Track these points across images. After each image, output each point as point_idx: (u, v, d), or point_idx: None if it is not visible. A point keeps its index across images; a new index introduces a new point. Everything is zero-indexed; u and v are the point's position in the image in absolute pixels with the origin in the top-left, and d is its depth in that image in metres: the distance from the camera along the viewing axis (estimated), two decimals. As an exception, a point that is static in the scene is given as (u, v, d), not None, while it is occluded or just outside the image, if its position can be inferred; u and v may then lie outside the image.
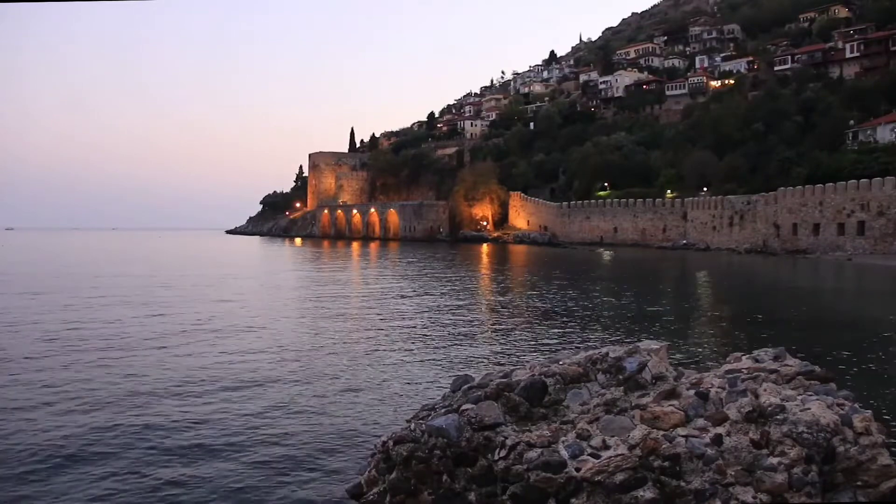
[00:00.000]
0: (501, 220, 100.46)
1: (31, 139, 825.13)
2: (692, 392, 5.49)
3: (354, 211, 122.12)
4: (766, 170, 68.98)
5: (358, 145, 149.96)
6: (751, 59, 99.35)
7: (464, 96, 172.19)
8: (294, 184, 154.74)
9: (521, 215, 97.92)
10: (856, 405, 5.20)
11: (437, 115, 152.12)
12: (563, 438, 5.28)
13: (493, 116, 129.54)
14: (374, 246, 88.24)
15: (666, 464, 4.87)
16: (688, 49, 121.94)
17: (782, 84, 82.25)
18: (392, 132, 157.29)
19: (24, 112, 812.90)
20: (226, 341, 16.16)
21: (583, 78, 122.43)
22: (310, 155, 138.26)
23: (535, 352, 14.60)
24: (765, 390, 5.32)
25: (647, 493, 4.82)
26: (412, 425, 5.87)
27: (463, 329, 18.24)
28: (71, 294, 26.73)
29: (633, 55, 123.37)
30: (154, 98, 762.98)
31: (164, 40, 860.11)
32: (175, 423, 9.31)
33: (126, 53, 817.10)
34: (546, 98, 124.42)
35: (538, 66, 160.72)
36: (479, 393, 5.85)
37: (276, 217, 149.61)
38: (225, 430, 9.04)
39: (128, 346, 15.39)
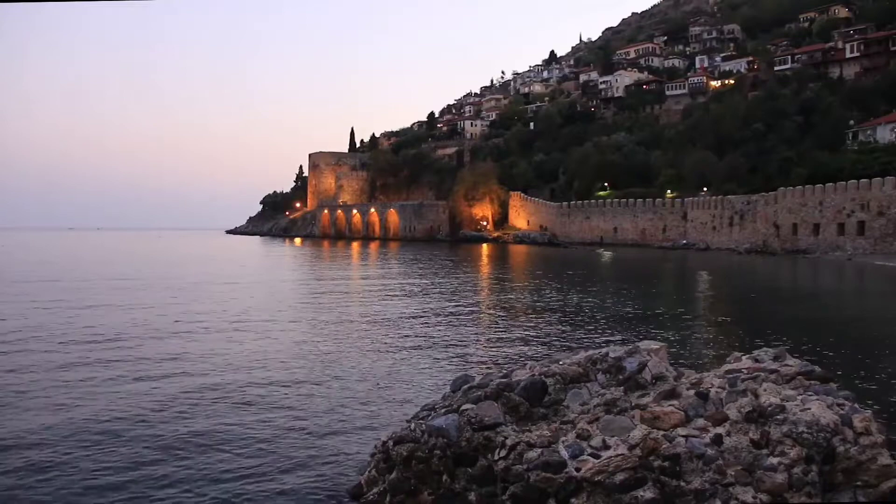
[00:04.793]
0: (501, 220, 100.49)
1: (26, 136, 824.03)
2: (692, 392, 5.49)
3: (354, 211, 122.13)
4: (766, 170, 69.03)
5: (358, 145, 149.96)
6: (751, 59, 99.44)
7: (464, 96, 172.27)
8: (294, 184, 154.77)
9: (521, 215, 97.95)
10: (856, 405, 5.20)
11: (437, 115, 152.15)
12: (563, 438, 5.28)
13: (493, 116, 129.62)
14: (374, 246, 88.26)
15: (666, 464, 4.88)
16: (688, 49, 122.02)
17: (782, 84, 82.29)
18: (392, 132, 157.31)
19: (20, 109, 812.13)
20: (225, 342, 16.16)
21: (583, 78, 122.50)
22: (310, 155, 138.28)
23: (535, 352, 14.59)
24: (765, 390, 5.32)
25: (647, 493, 4.82)
26: (412, 425, 5.87)
27: (463, 329, 18.24)
28: (71, 293, 26.74)
29: (633, 55, 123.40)
30: (153, 98, 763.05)
31: (164, 41, 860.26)
32: (174, 423, 9.31)
33: (125, 54, 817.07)
34: (546, 98, 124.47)
35: (538, 66, 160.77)
36: (479, 393, 5.86)
37: (276, 217, 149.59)
38: (224, 429, 9.04)
39: (128, 346, 15.38)
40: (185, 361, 13.67)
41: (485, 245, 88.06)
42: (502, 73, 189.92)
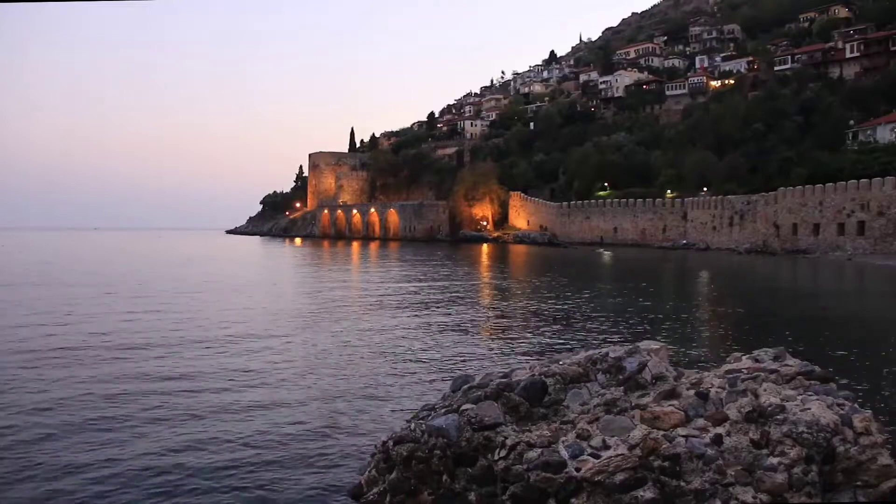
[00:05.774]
0: (501, 220, 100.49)
1: (26, 136, 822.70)
2: (692, 392, 5.49)
3: (354, 211, 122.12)
4: (766, 170, 69.03)
5: (358, 145, 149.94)
6: (751, 59, 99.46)
7: (464, 96, 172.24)
8: (294, 184, 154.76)
9: (521, 215, 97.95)
10: (856, 405, 5.20)
11: (437, 115, 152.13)
12: (563, 438, 5.28)
13: (493, 116, 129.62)
14: (374, 246, 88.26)
15: (666, 464, 4.87)
16: (688, 49, 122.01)
17: (782, 84, 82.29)
18: (392, 132, 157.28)
19: (20, 109, 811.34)
20: (224, 343, 16.15)
21: (583, 78, 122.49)
22: (310, 155, 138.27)
23: (535, 352, 14.60)
24: (765, 390, 5.32)
25: (647, 493, 4.82)
26: (412, 425, 5.87)
27: (463, 329, 18.24)
28: (68, 290, 26.74)
29: (633, 55, 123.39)
30: (153, 98, 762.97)
31: (164, 41, 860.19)
32: (175, 423, 9.31)
33: (125, 54, 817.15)
34: (546, 98, 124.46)
35: (538, 66, 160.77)
36: (479, 393, 5.86)
37: (276, 217, 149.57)
38: (225, 429, 9.04)
39: (132, 347, 15.39)
40: (184, 363, 13.68)
41: (485, 245, 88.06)
42: (502, 73, 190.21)
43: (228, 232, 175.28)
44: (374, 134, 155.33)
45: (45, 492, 7.03)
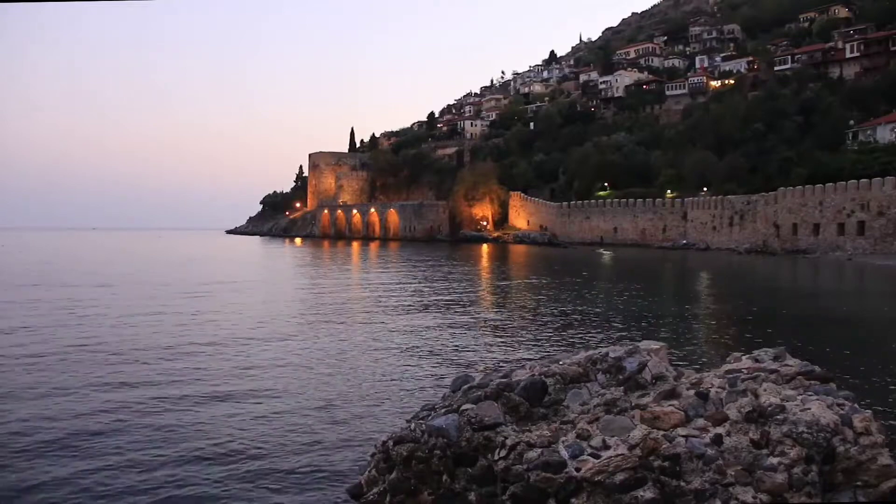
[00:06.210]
0: (501, 220, 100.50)
1: (26, 136, 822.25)
2: (692, 392, 5.49)
3: (354, 211, 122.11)
4: (766, 170, 69.04)
5: (358, 145, 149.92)
6: (751, 59, 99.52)
7: (464, 96, 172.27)
8: (294, 184, 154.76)
9: (521, 215, 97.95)
10: (856, 405, 5.20)
11: (437, 115, 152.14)
12: (563, 438, 5.28)
13: (493, 116, 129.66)
14: (374, 246, 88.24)
15: (666, 464, 4.87)
16: (688, 49, 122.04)
17: (782, 84, 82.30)
18: (392, 132, 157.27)
19: (20, 109, 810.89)
20: (224, 343, 16.15)
21: (583, 78, 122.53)
22: (310, 155, 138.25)
23: (535, 352, 14.59)
24: (765, 390, 5.32)
25: (647, 493, 4.82)
26: (412, 425, 5.87)
27: (463, 329, 18.23)
28: (69, 293, 26.74)
29: (633, 55, 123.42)
30: (153, 98, 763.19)
31: (164, 41, 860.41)
32: (174, 423, 9.31)
33: (125, 54, 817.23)
34: (546, 98, 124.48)
35: (538, 66, 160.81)
36: (479, 393, 5.85)
37: (276, 217, 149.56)
38: (224, 430, 9.04)
39: (131, 347, 15.39)
40: (183, 363, 13.67)
41: (485, 245, 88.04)
42: (502, 73, 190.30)
43: (228, 232, 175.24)
44: (374, 134, 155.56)
45: (44, 487, 7.03)
